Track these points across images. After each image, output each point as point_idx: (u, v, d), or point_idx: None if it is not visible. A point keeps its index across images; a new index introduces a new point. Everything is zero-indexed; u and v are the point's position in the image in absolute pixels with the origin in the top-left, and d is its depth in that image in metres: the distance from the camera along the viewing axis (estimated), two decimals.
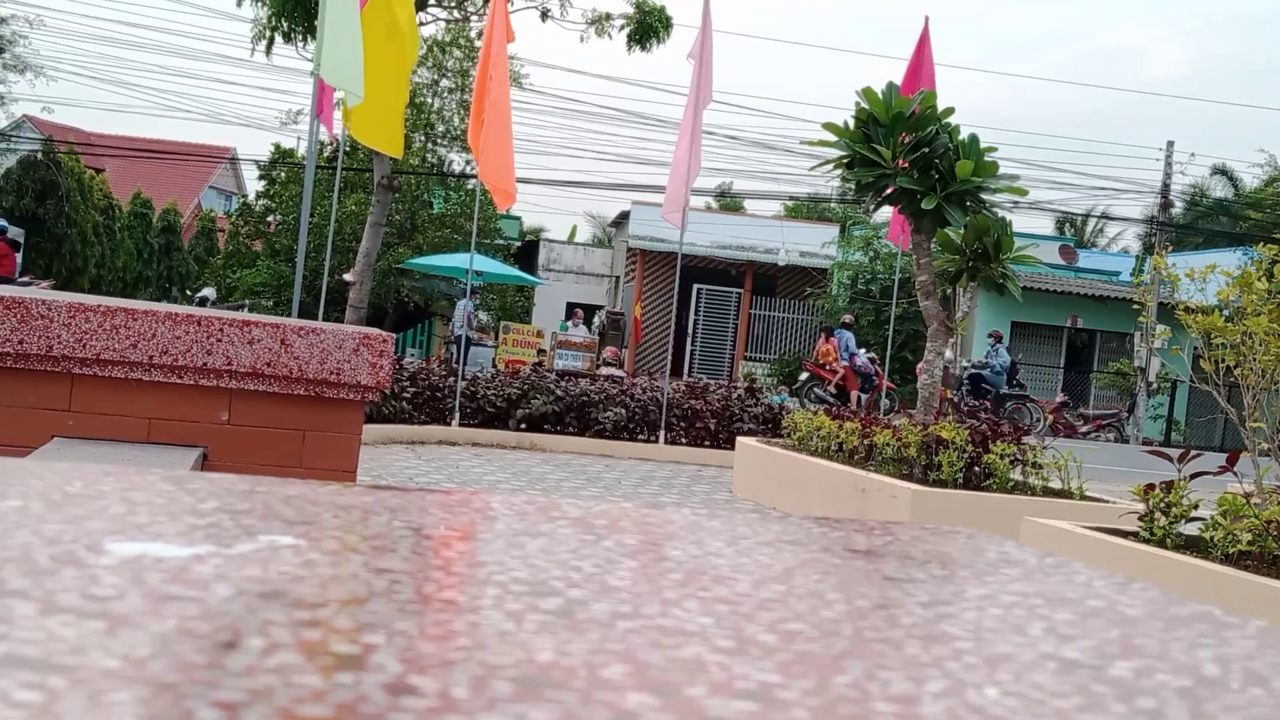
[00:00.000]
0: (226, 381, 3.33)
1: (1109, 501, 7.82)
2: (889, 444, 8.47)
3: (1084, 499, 7.91)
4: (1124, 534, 5.96)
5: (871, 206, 9.45)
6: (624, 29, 19.70)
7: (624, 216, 36.15)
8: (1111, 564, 5.52)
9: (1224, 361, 7.29)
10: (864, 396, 22.59)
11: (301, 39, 20.43)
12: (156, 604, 0.66)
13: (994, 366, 23.59)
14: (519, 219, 39.93)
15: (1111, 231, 47.42)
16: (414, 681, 0.57)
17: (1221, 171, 42.57)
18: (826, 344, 23.88)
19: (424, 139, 32.90)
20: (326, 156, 27.31)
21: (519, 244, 37.51)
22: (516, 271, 29.33)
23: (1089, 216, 46.33)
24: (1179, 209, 40.05)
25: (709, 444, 13.43)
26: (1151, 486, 5.86)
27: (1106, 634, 0.81)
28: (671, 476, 11.37)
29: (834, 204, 41.52)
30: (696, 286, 33.60)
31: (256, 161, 34.49)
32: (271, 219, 32.33)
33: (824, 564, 0.99)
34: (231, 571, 0.75)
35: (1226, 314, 7.37)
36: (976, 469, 8.07)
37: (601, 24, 19.96)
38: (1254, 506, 5.51)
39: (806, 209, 44.19)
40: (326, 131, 11.37)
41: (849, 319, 25.45)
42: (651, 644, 0.67)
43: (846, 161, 9.36)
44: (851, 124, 9.31)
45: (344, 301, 19.09)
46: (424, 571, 0.83)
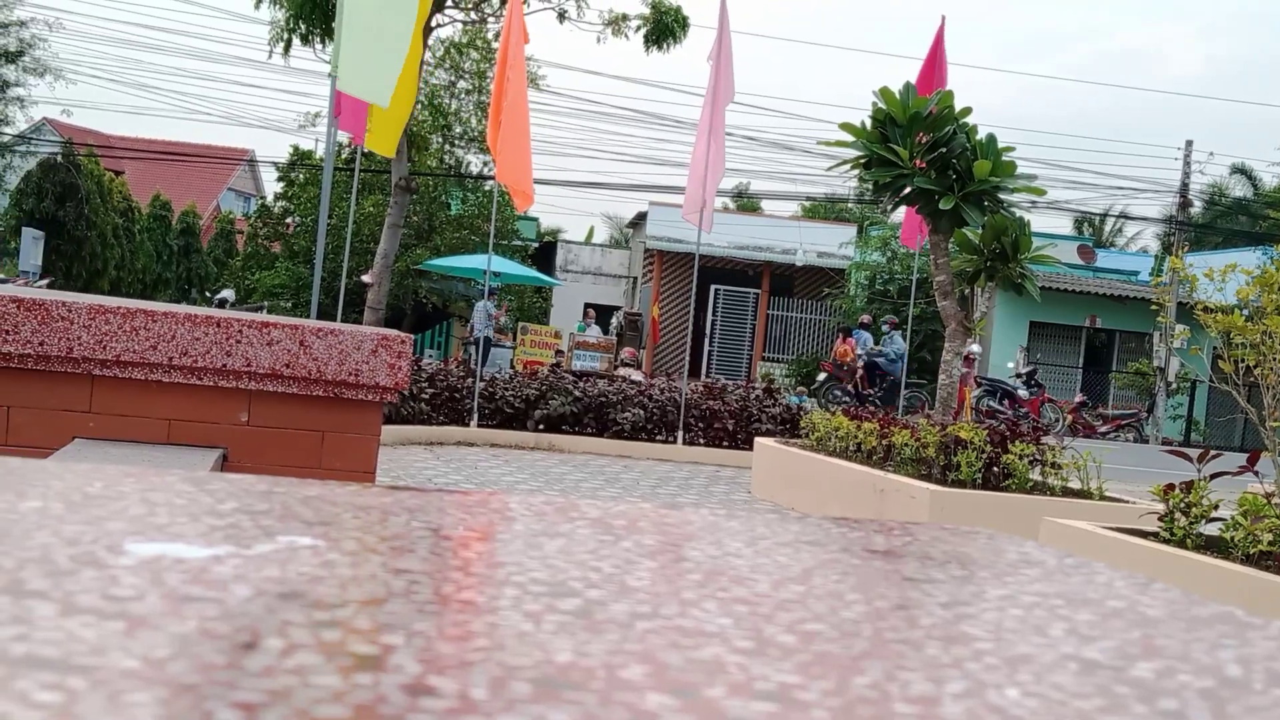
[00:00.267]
0: (246, 383, 3.34)
1: (1129, 502, 7.80)
2: (907, 444, 8.46)
3: (1103, 499, 7.88)
4: (1144, 534, 5.94)
5: (889, 207, 9.44)
6: (640, 30, 19.70)
7: (641, 217, 36.17)
8: (1131, 564, 5.50)
9: (1244, 361, 7.26)
10: (875, 391, 22.58)
11: (319, 41, 20.48)
12: (176, 605, 0.66)
13: (889, 354, 23.50)
14: (536, 220, 39.98)
15: (1130, 231, 47.30)
16: (433, 682, 0.57)
17: (1241, 171, 42.41)
18: (844, 344, 23.86)
19: (441, 140, 32.98)
20: (344, 158, 27.40)
21: (536, 245, 37.54)
22: (534, 272, 29.36)
23: (1107, 216, 46.20)
24: (1198, 208, 39.91)
25: (727, 444, 13.42)
26: (1171, 487, 5.84)
27: (1128, 635, 0.81)
28: (690, 477, 11.37)
29: (851, 204, 41.48)
30: (714, 287, 33.58)
31: (275, 163, 34.61)
32: (290, 220, 32.43)
33: (843, 564, 0.98)
34: (251, 572, 0.75)
35: (1246, 313, 7.34)
36: (995, 469, 8.05)
37: (618, 25, 19.96)
38: (1275, 506, 5.49)
39: (824, 209, 44.16)
40: (349, 136, 11.39)
41: (867, 319, 25.43)
42: (670, 645, 0.67)
43: (864, 162, 9.35)
44: (869, 124, 9.30)
45: (362, 303, 19.14)
46: (443, 572, 0.83)
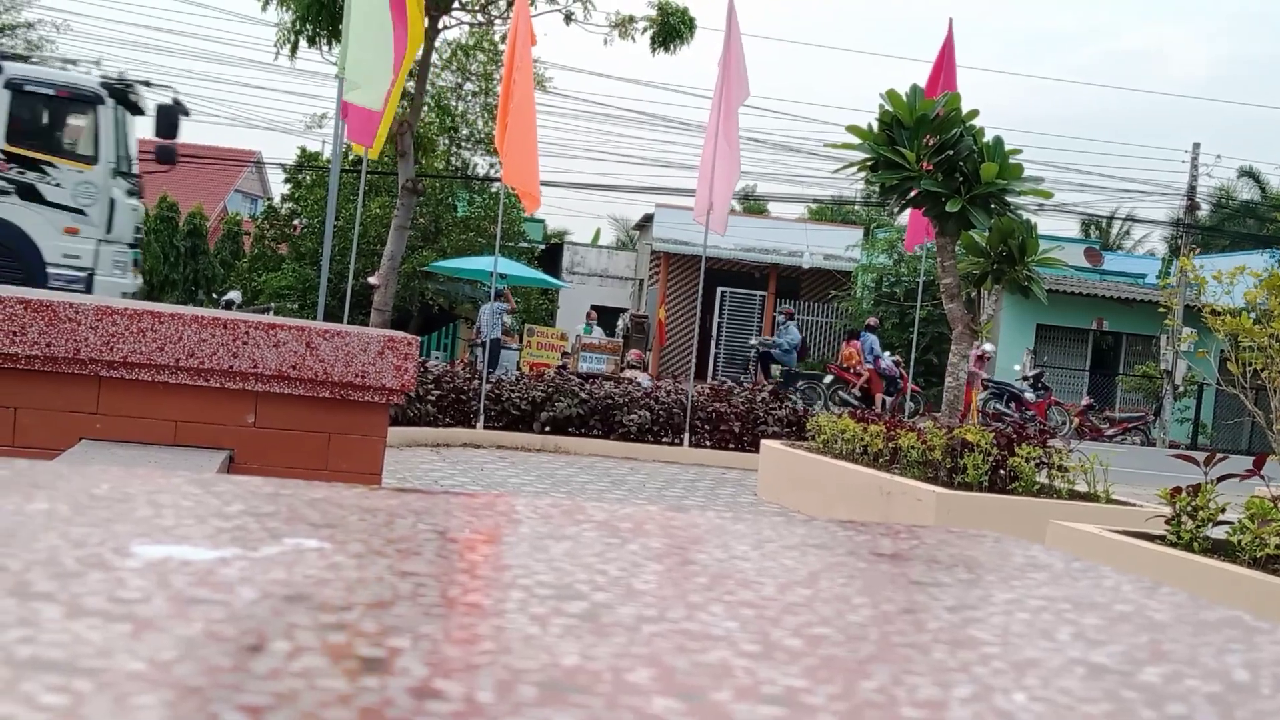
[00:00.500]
0: (252, 384, 3.34)
1: (1135, 505, 7.78)
2: (914, 447, 8.45)
3: (1110, 502, 7.87)
4: (1151, 538, 5.93)
5: (896, 209, 9.42)
6: (647, 31, 19.70)
7: (648, 219, 36.16)
8: (1138, 568, 5.49)
9: (1251, 364, 7.25)
10: (889, 399, 22.54)
11: (326, 43, 20.49)
12: (182, 607, 0.66)
13: (782, 344, 23.36)
14: (543, 222, 39.96)
15: (1137, 234, 47.23)
16: (439, 685, 0.57)
17: (1248, 173, 42.32)
18: (850, 347, 23.84)
19: (448, 142, 33.00)
20: (351, 160, 27.41)
21: (543, 247, 37.53)
22: (540, 274, 29.36)
23: (1114, 219, 46.15)
24: (1205, 211, 39.85)
25: (733, 447, 13.41)
26: (1178, 490, 5.83)
27: (1135, 639, 0.81)
28: (696, 479, 11.36)
29: (858, 207, 41.46)
30: (720, 289, 33.55)
31: (282, 165, 34.66)
32: (297, 222, 32.44)
33: (850, 568, 0.98)
34: (257, 574, 0.75)
35: (1254, 316, 7.33)
36: (1002, 472, 8.04)
37: (625, 26, 19.96)
38: None
39: (830, 212, 44.12)
40: (362, 146, 11.41)
41: (874, 322, 25.40)
42: (677, 648, 0.67)
43: (870, 164, 9.34)
44: (875, 126, 9.29)
45: (369, 304, 19.14)
46: (449, 575, 0.83)
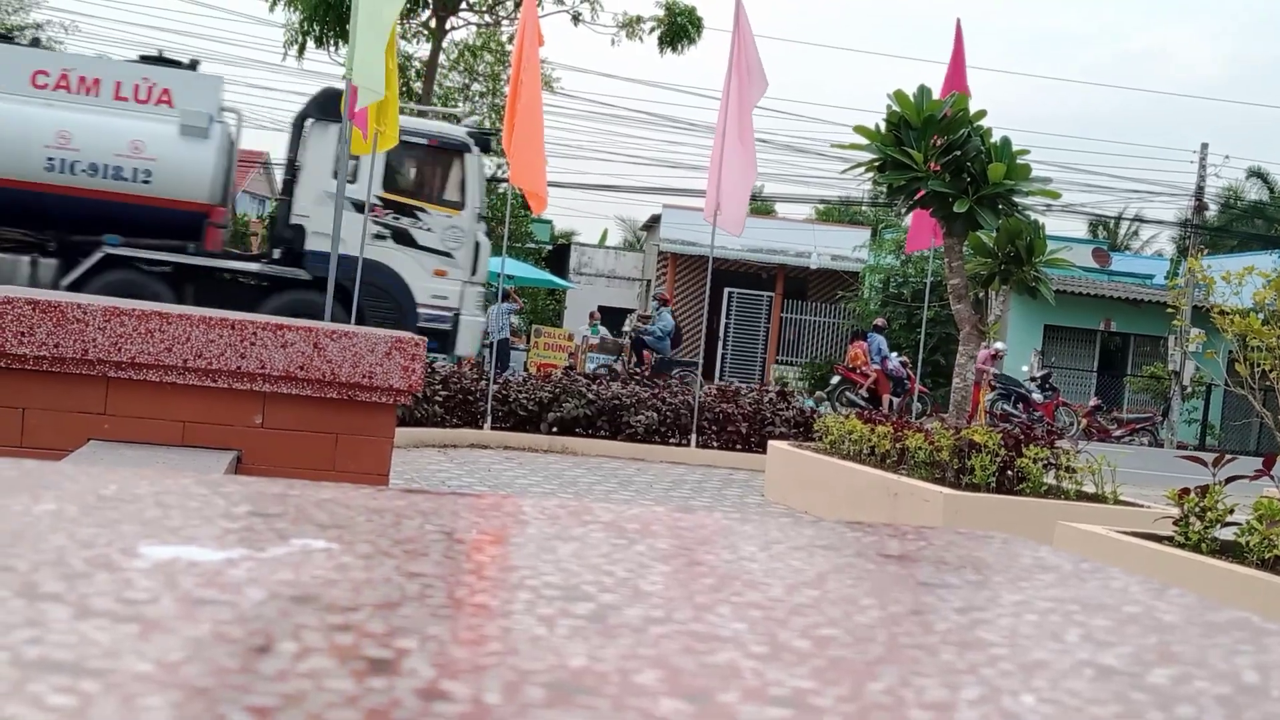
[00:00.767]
0: (260, 385, 3.35)
1: (1143, 506, 7.77)
2: (921, 448, 8.44)
3: (1118, 503, 7.86)
4: (1159, 539, 5.92)
5: (903, 210, 9.41)
6: (654, 31, 19.71)
7: (655, 220, 36.18)
8: (1146, 569, 5.48)
9: (1260, 365, 7.23)
10: (896, 400, 22.52)
11: (333, 43, 20.52)
12: (190, 608, 0.66)
13: (655, 331, 23.26)
14: (550, 222, 39.96)
15: (1145, 234, 47.16)
16: (446, 687, 0.57)
17: (1257, 174, 42.25)
18: (856, 347, 23.83)
19: None
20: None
21: (550, 247, 37.56)
22: (547, 275, 29.38)
23: (1122, 219, 46.07)
24: (1213, 211, 39.79)
25: (740, 448, 13.40)
26: (1186, 491, 5.82)
27: (1144, 640, 0.80)
28: (703, 480, 11.36)
29: (865, 207, 41.42)
30: (728, 290, 33.56)
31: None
32: None
33: (857, 569, 0.98)
34: (264, 575, 0.75)
35: (1262, 317, 7.32)
36: (1009, 473, 8.03)
37: (632, 27, 19.97)
38: None
39: (838, 212, 44.10)
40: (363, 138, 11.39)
41: (881, 322, 25.38)
42: (684, 649, 0.67)
43: (878, 165, 9.33)
44: (883, 127, 9.28)
45: None
46: (456, 576, 0.82)
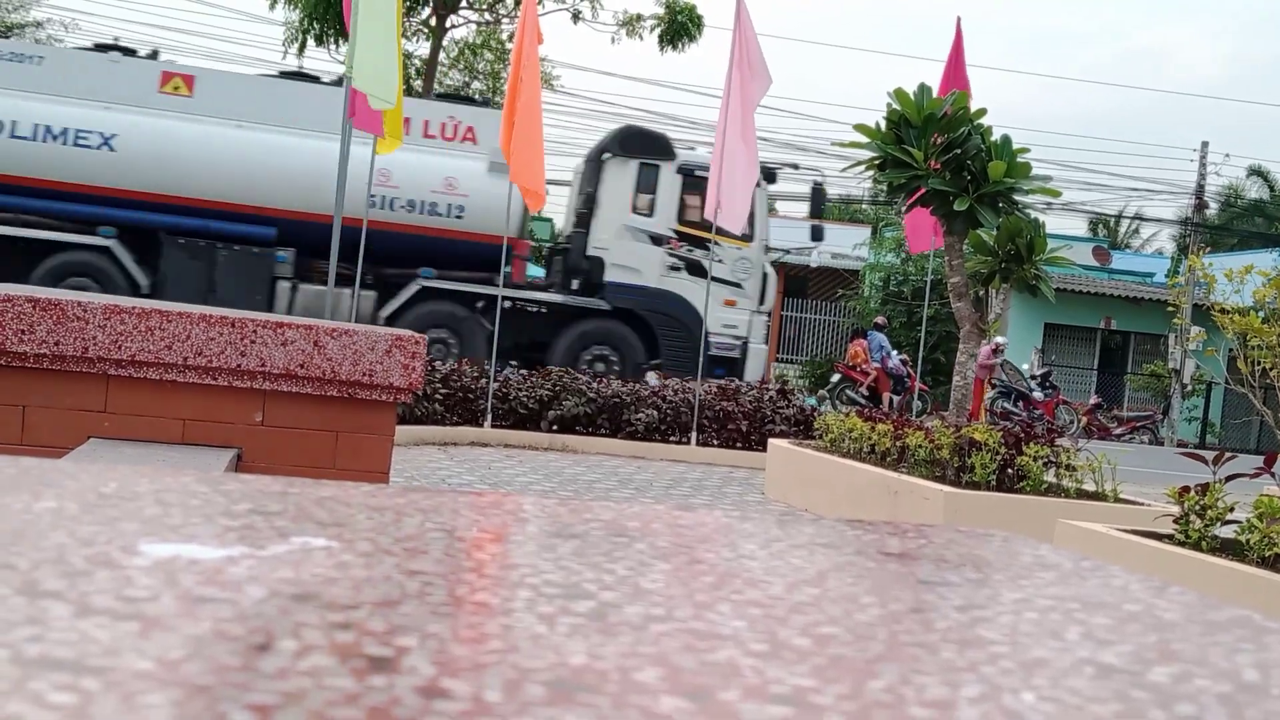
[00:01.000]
0: (260, 383, 3.35)
1: (1144, 504, 7.77)
2: (921, 446, 8.44)
3: (1118, 501, 7.85)
4: (1159, 537, 5.92)
5: (904, 208, 9.40)
6: (655, 29, 19.70)
7: None
8: (1145, 567, 5.48)
9: (1260, 363, 7.23)
10: (896, 398, 22.51)
11: (333, 42, 20.52)
12: (190, 606, 0.66)
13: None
14: (551, 221, 39.93)
15: (1146, 233, 47.16)
16: (447, 685, 0.57)
17: (1257, 172, 42.25)
18: (856, 345, 23.83)
19: None
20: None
21: (550, 246, 37.50)
22: None
23: (1122, 217, 46.07)
24: (1213, 210, 39.79)
25: (741, 446, 13.40)
26: (1186, 489, 5.82)
27: (1144, 639, 0.80)
28: (703, 478, 11.36)
29: (865, 205, 41.40)
30: None
31: None
32: None
33: (858, 567, 0.98)
34: (265, 573, 0.75)
35: (1263, 315, 7.31)
36: (1010, 471, 8.03)
37: (632, 25, 19.96)
38: None
39: (838, 210, 44.09)
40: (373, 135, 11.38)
41: (881, 320, 25.38)
42: (685, 647, 0.67)
43: (878, 163, 9.32)
44: (883, 125, 9.28)
45: None
46: (456, 574, 0.82)
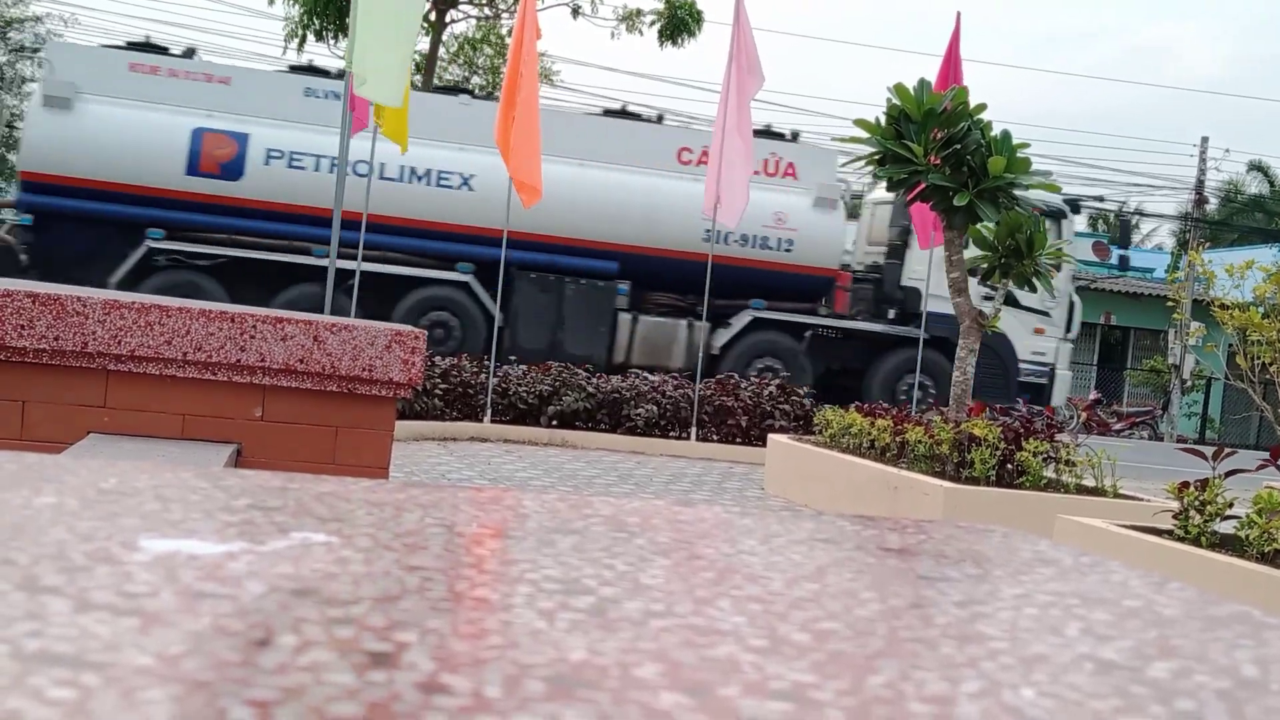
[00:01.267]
0: (260, 378, 3.35)
1: (1143, 500, 7.77)
2: (921, 441, 8.43)
3: (1118, 497, 7.85)
4: (1158, 532, 5.92)
5: (903, 204, 9.38)
6: (654, 24, 19.69)
7: None
8: (1145, 562, 5.48)
9: (1260, 358, 7.24)
10: None
11: (333, 37, 20.50)
12: (190, 601, 0.66)
13: None
14: None
15: (1146, 228, 47.11)
16: (446, 680, 0.57)
17: (1257, 168, 42.21)
18: None
19: None
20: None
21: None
22: None
23: (1123, 213, 46.00)
24: (1213, 205, 39.78)
25: (740, 441, 13.41)
26: (1186, 484, 5.82)
27: (1144, 634, 0.80)
28: (703, 474, 11.36)
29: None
30: None
31: None
32: None
33: (857, 563, 0.98)
34: (264, 569, 0.75)
35: (1263, 310, 7.31)
36: (1009, 466, 8.03)
37: (632, 20, 19.95)
38: None
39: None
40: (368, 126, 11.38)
41: None
42: (684, 643, 0.67)
43: (878, 158, 9.31)
44: (883, 121, 9.27)
45: None
46: (456, 569, 0.82)
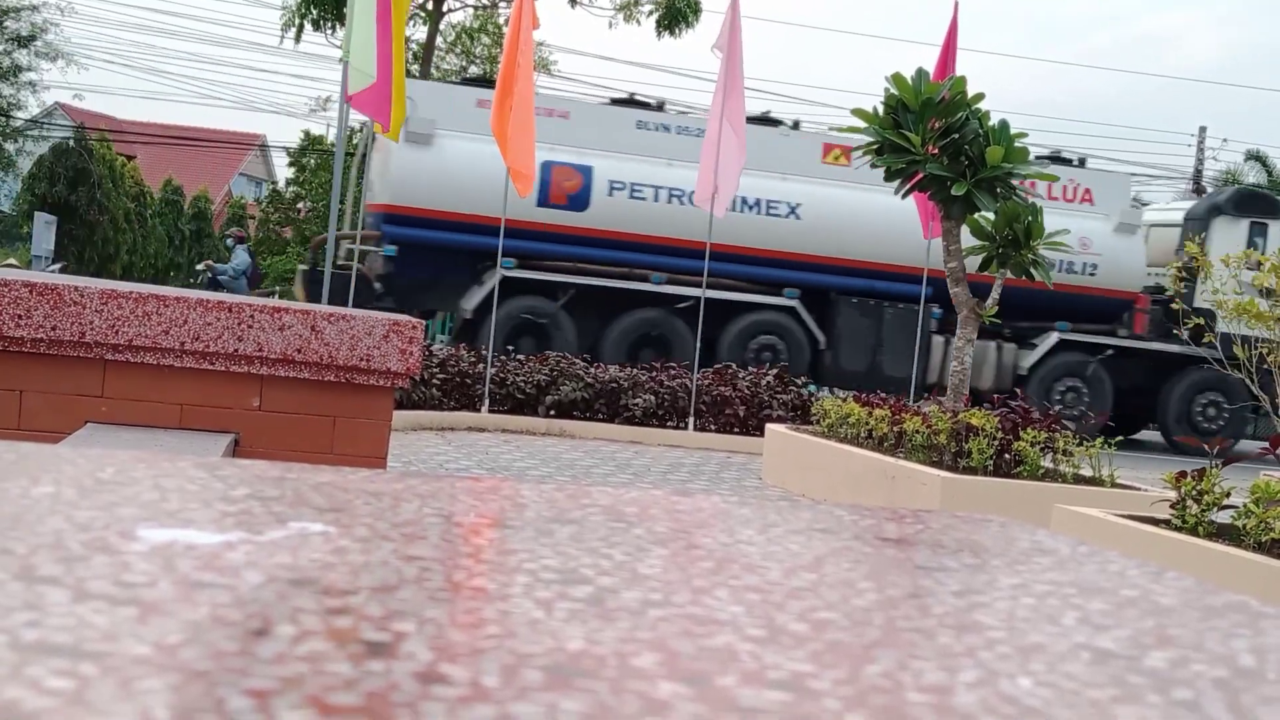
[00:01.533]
0: (258, 368, 3.35)
1: (1141, 489, 7.78)
2: (918, 431, 8.44)
3: (1115, 486, 7.86)
4: (1156, 522, 5.93)
5: (901, 193, 9.38)
6: (652, 14, 19.66)
7: None
8: (1142, 552, 5.49)
9: (1257, 348, 7.25)
10: None
11: (330, 26, 20.49)
12: (188, 591, 0.66)
13: (229, 270, 22.83)
14: None
15: None
16: (444, 670, 0.57)
17: (1255, 157, 42.16)
18: None
19: None
20: (356, 143, 27.41)
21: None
22: None
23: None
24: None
25: (738, 431, 13.41)
26: (1183, 474, 5.82)
27: (1141, 624, 0.80)
28: (700, 463, 11.37)
29: None
30: None
31: (286, 148, 34.69)
32: (301, 206, 32.44)
33: (855, 552, 0.98)
34: (262, 558, 0.75)
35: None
36: (1007, 456, 8.04)
37: (630, 10, 19.92)
38: None
39: None
40: (371, 121, 11.36)
41: None
42: (682, 633, 0.67)
43: (876, 148, 9.31)
44: (881, 110, 9.26)
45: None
46: (454, 559, 0.82)
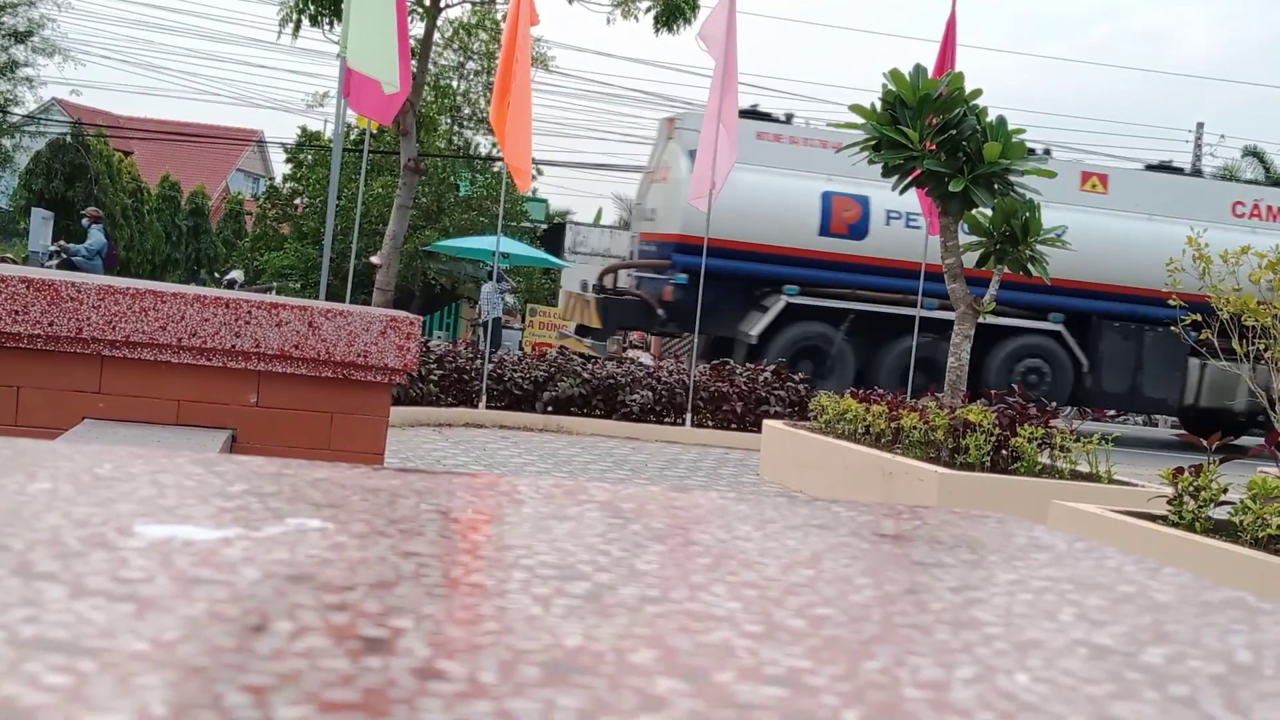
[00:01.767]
0: (255, 364, 3.34)
1: (1137, 485, 7.78)
2: (916, 427, 8.44)
3: (1112, 482, 7.86)
4: (1153, 518, 5.93)
5: (899, 190, 9.38)
6: (650, 10, 19.63)
7: None
8: (1139, 548, 5.49)
9: (1254, 344, 7.25)
10: None
11: (328, 22, 20.45)
12: (185, 587, 0.66)
13: (83, 250, 22.49)
14: (545, 201, 39.83)
15: None
16: (442, 666, 0.57)
17: (1253, 153, 42.19)
18: None
19: (450, 121, 32.95)
20: (353, 140, 27.41)
21: (545, 226, 37.47)
22: (542, 254, 29.28)
23: None
24: None
25: (735, 427, 13.42)
26: (1180, 470, 5.82)
27: (1138, 620, 0.81)
28: (698, 459, 11.37)
29: None
30: None
31: (283, 144, 34.66)
32: (299, 202, 32.41)
33: (852, 548, 0.98)
34: (260, 554, 0.75)
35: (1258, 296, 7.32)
36: (1004, 452, 8.04)
37: (627, 6, 19.89)
38: None
39: None
40: (368, 119, 11.37)
41: None
42: (680, 629, 0.67)
43: (874, 144, 9.31)
44: (878, 106, 9.26)
45: (371, 284, 19.15)
46: (451, 555, 0.83)
